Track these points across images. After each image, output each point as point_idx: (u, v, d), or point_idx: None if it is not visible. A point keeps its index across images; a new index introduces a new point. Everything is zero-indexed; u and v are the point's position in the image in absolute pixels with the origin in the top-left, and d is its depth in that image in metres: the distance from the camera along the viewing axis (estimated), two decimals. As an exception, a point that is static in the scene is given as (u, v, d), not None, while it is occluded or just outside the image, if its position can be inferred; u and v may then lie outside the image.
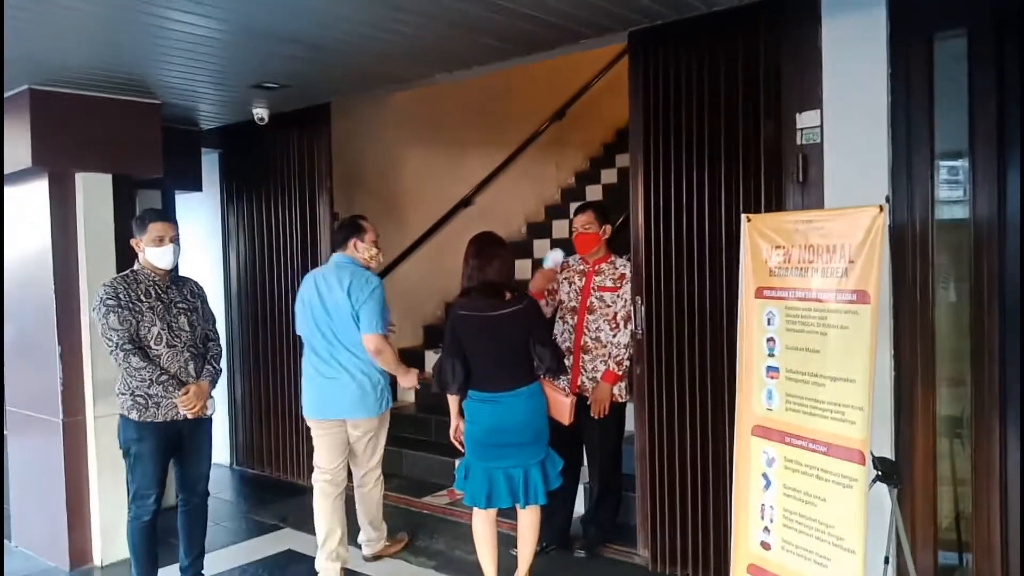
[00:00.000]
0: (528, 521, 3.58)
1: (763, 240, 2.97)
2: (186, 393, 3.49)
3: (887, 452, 3.07)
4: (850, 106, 3.24)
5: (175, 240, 3.58)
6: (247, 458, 6.03)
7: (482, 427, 3.45)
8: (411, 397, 6.27)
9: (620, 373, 3.98)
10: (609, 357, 3.98)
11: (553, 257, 4.15)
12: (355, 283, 3.80)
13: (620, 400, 4.05)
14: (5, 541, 4.79)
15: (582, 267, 4.13)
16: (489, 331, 3.42)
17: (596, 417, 3.97)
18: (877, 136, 3.17)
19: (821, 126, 3.33)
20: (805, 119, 3.38)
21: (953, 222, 3.21)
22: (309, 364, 3.93)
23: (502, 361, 3.44)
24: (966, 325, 3.10)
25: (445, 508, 4.95)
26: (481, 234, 3.64)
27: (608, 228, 4.07)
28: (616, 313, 3.99)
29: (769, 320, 2.95)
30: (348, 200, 5.80)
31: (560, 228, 7.33)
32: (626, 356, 3.97)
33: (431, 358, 6.48)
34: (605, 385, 3.96)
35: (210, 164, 5.93)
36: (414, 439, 5.85)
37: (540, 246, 7.19)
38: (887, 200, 3.07)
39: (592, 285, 4.06)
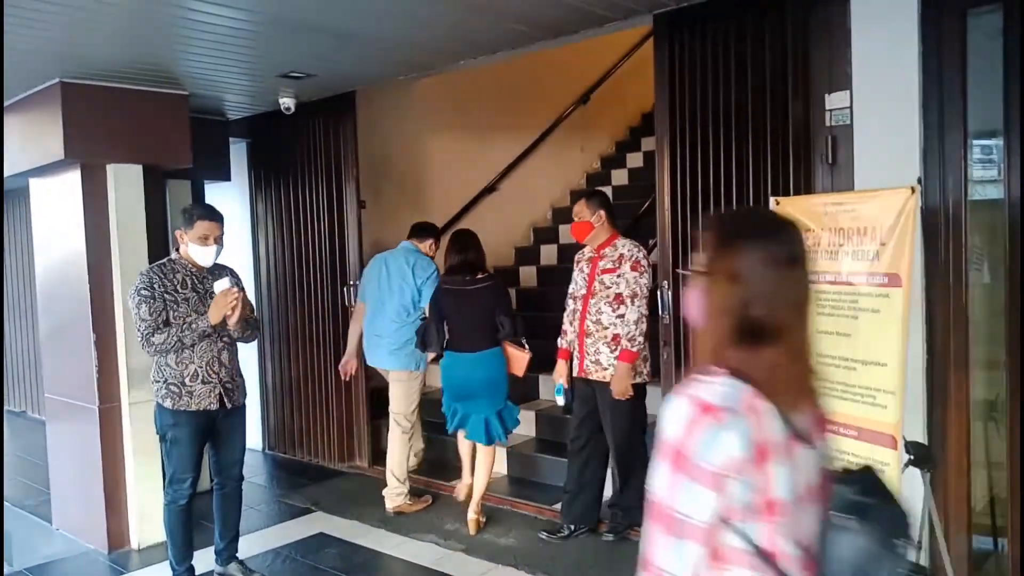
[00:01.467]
0: (483, 456, 4.38)
1: (792, 223, 2.94)
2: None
3: (920, 436, 3.03)
4: (880, 86, 3.19)
5: (219, 240, 3.59)
6: (279, 442, 6.12)
7: (455, 379, 4.30)
8: (439, 382, 6.30)
9: (635, 350, 3.85)
10: (613, 340, 3.92)
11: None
12: (419, 264, 4.67)
13: (637, 381, 3.97)
14: (46, 524, 4.94)
15: (590, 255, 4.12)
16: (464, 300, 4.21)
17: (620, 399, 3.93)
18: (908, 116, 3.11)
19: (851, 107, 3.28)
20: (834, 100, 3.34)
21: (987, 202, 3.15)
22: (368, 323, 4.80)
23: (472, 325, 4.19)
24: (1000, 307, 3.05)
25: (474, 492, 4.98)
26: (459, 230, 4.56)
27: (602, 213, 3.99)
28: (619, 293, 3.92)
29: (798, 304, 2.92)
30: (373, 187, 5.83)
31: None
32: (637, 332, 3.86)
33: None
34: (623, 365, 3.85)
35: (238, 153, 6.00)
36: (442, 423, 5.85)
37: (565, 231, 7.17)
38: (919, 181, 3.02)
39: (596, 270, 4.04)
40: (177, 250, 3.66)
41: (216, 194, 5.88)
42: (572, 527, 4.20)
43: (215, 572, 3.91)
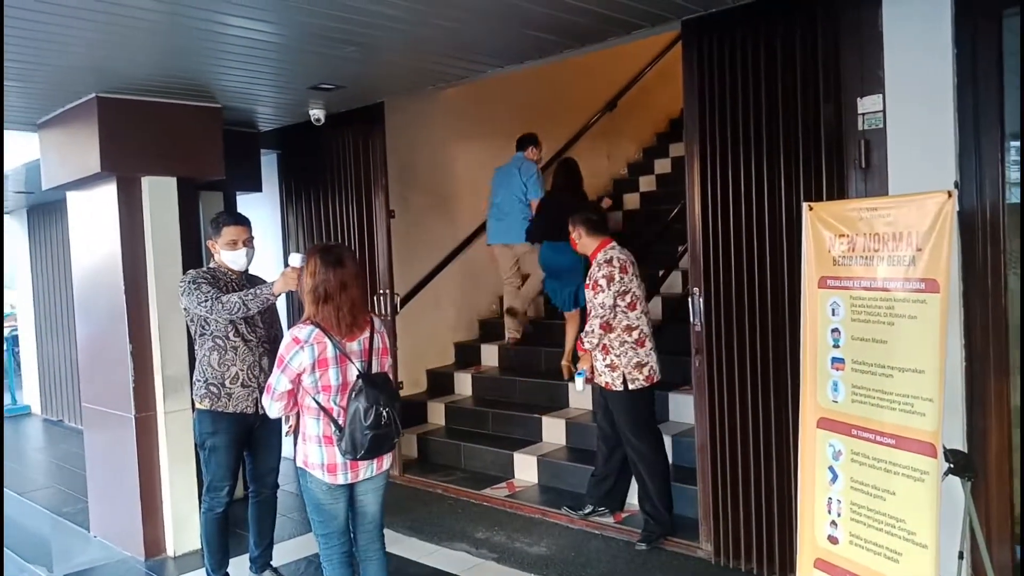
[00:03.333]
0: (570, 320, 5.76)
1: (826, 228, 2.91)
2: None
3: (959, 444, 2.98)
4: (914, 89, 3.15)
5: (248, 243, 3.69)
6: (310, 452, 6.15)
7: (547, 260, 5.74)
8: (468, 391, 6.33)
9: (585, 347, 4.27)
10: (602, 348, 4.24)
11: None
12: (524, 167, 6.20)
13: (614, 388, 4.19)
14: (84, 531, 5.02)
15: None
16: (557, 205, 5.61)
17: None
18: (943, 119, 3.07)
19: (884, 110, 3.24)
20: (867, 104, 3.30)
21: (1025, 205, 3.10)
22: (491, 210, 6.34)
23: (561, 221, 5.07)
24: (1041, 312, 2.99)
25: (505, 500, 4.98)
26: (564, 158, 6.27)
27: (581, 231, 4.44)
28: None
29: (833, 310, 2.89)
30: (401, 196, 5.87)
31: (613, 219, 7.29)
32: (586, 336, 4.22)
33: (486, 351, 6.53)
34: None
35: (268, 165, 6.06)
36: (472, 432, 5.90)
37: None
38: (955, 185, 2.98)
39: None
40: (213, 259, 3.73)
41: (247, 205, 5.93)
42: (593, 507, 4.49)
43: None
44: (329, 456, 2.89)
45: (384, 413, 2.81)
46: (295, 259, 3.45)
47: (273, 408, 2.92)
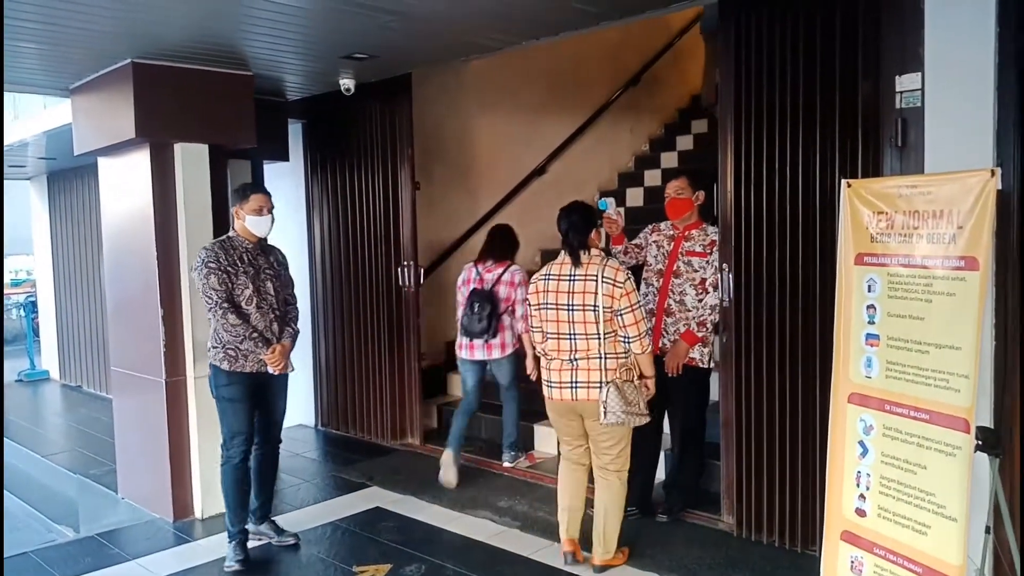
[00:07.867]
0: None
1: (864, 205, 2.92)
2: (273, 352, 3.78)
3: (987, 421, 3.01)
4: (954, 67, 3.14)
5: (271, 211, 3.85)
6: (331, 419, 6.24)
7: None
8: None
9: (700, 335, 3.99)
10: (700, 325, 4.01)
11: (609, 203, 4.12)
12: None
13: (702, 366, 4.07)
14: (112, 493, 5.10)
15: (672, 232, 4.15)
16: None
17: (669, 374, 3.99)
18: (982, 98, 3.05)
19: (922, 89, 3.23)
20: (905, 82, 3.29)
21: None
22: None
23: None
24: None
25: (525, 471, 5.05)
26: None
27: (702, 195, 4.09)
28: (705, 279, 4.01)
29: (870, 287, 2.91)
30: (425, 169, 5.88)
31: (634, 195, 7.30)
32: (710, 318, 3.98)
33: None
34: (683, 344, 3.99)
35: (294, 135, 6.08)
36: (491, 404, 5.93)
37: (614, 214, 7.18)
38: (998, 165, 2.98)
39: (680, 250, 4.09)
40: (233, 227, 3.86)
41: (273, 175, 5.98)
42: (626, 508, 4.24)
43: (249, 530, 4.04)
44: (459, 340, 4.99)
45: (475, 307, 4.79)
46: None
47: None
